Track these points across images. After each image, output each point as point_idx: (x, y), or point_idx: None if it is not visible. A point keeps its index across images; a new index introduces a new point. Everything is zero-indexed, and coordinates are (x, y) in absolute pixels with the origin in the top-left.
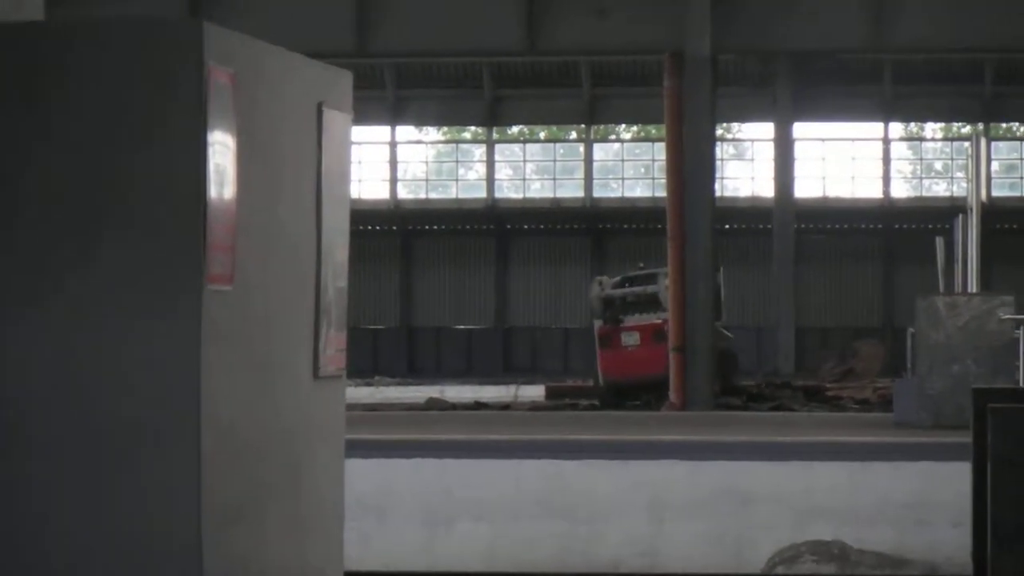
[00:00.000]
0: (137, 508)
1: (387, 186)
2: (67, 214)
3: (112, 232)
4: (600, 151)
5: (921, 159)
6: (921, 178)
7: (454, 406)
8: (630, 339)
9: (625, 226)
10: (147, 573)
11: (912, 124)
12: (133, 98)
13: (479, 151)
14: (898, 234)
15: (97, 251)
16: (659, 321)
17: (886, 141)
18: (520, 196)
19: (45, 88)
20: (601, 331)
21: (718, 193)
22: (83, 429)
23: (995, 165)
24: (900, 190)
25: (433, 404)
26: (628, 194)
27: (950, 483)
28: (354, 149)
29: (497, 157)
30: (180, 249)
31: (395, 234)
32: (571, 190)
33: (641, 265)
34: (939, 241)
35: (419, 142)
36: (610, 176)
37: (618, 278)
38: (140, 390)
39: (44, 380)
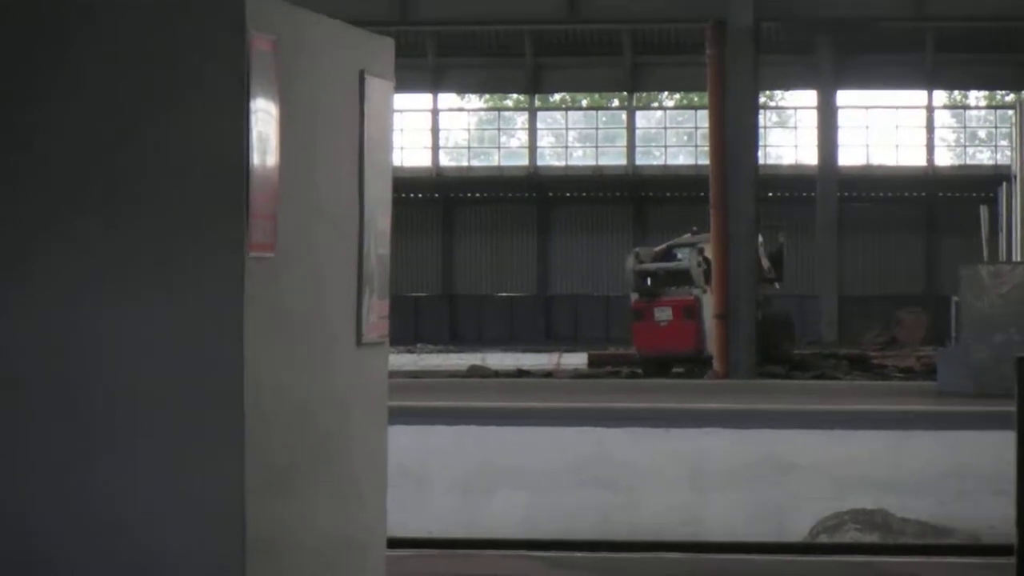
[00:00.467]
0: (181, 476)
1: (429, 154)
2: (106, 180)
3: (153, 200)
4: (642, 119)
5: (965, 127)
6: (965, 146)
7: (496, 373)
8: (662, 314)
9: (667, 194)
10: (190, 540)
11: (956, 92)
12: (174, 64)
13: (521, 119)
14: (942, 202)
15: (138, 218)
16: (691, 297)
17: (930, 109)
18: (562, 164)
19: (83, 52)
20: (635, 305)
21: (761, 161)
22: (128, 394)
23: None
24: (944, 158)
25: (475, 372)
26: (671, 162)
27: (993, 452)
28: (396, 117)
29: (539, 125)
30: (222, 217)
31: (437, 202)
32: (613, 158)
33: (695, 229)
34: (983, 209)
35: (461, 110)
36: (652, 144)
37: (663, 246)
38: (183, 358)
39: (85, 345)
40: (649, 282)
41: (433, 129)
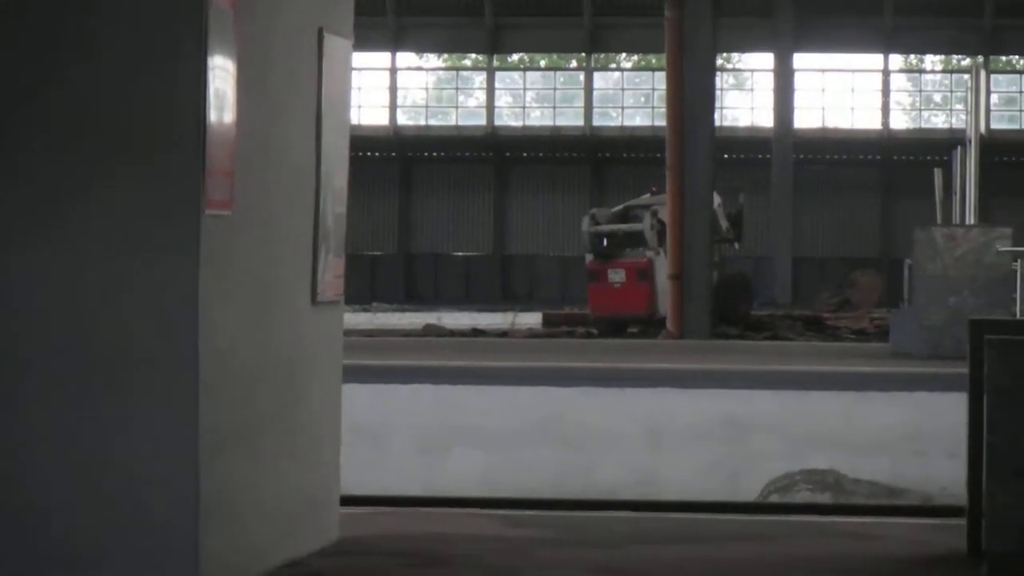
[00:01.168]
0: (134, 432)
1: (387, 112)
2: (69, 143)
3: (113, 159)
4: (600, 80)
5: (920, 91)
6: (920, 110)
7: (452, 332)
8: (616, 276)
9: (624, 155)
10: (144, 496)
11: (912, 56)
12: (133, 23)
13: (479, 78)
14: (897, 165)
15: (99, 179)
16: (644, 260)
17: (886, 73)
18: (520, 124)
19: (48, 16)
20: (590, 266)
21: (717, 123)
22: (83, 353)
23: (994, 98)
24: (899, 122)
25: (431, 330)
26: (628, 123)
27: (946, 414)
28: (354, 75)
29: (497, 85)
30: (179, 174)
31: (394, 160)
32: (571, 119)
33: (654, 189)
34: (937, 173)
35: (419, 69)
36: (610, 105)
37: (621, 207)
38: (140, 315)
39: (46, 304)
40: (605, 243)
41: (391, 88)
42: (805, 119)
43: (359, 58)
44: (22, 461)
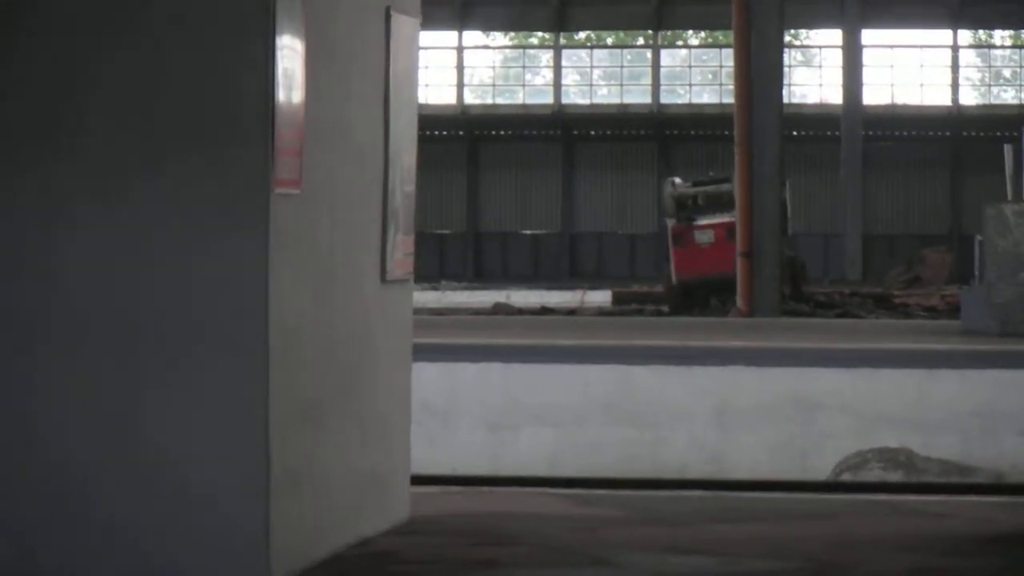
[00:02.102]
0: (206, 410)
1: (454, 91)
2: (136, 121)
3: (181, 137)
4: (667, 57)
5: (990, 66)
6: (990, 85)
7: (520, 311)
8: (704, 237)
9: (692, 132)
10: (217, 471)
11: (981, 31)
12: (201, 3)
13: (546, 56)
14: (966, 141)
15: (167, 157)
16: (733, 220)
17: (955, 48)
18: (587, 102)
19: None
20: (675, 229)
21: (785, 100)
22: (152, 333)
23: None
24: (968, 98)
25: (499, 309)
26: (695, 100)
27: (1017, 391)
28: (421, 54)
29: (564, 63)
30: (248, 154)
31: (462, 139)
32: (638, 96)
33: (711, 174)
34: (1007, 148)
35: (486, 47)
36: (677, 82)
37: (689, 183)
38: (209, 293)
39: (115, 283)
40: (690, 207)
41: (458, 66)
42: (873, 95)
43: (426, 37)
44: (84, 443)
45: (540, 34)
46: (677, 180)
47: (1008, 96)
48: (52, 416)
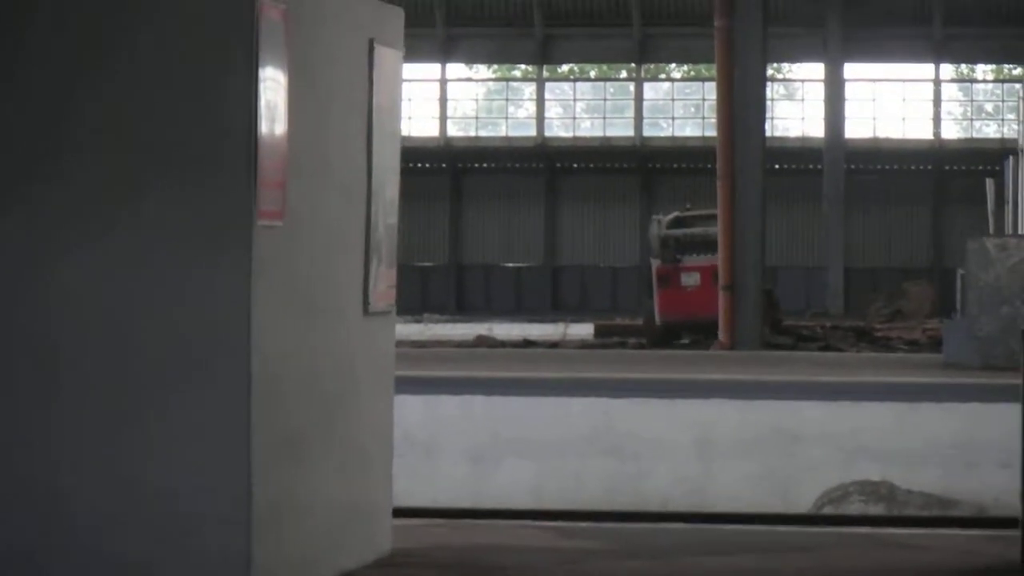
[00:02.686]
0: (188, 441)
1: (437, 124)
2: (120, 153)
3: (164, 169)
4: (650, 90)
5: (972, 100)
6: (972, 119)
7: (503, 343)
8: (690, 279)
9: (675, 165)
10: (197, 503)
11: (963, 65)
12: (184, 35)
13: (529, 89)
14: (948, 175)
15: (150, 188)
16: (718, 263)
17: (937, 82)
18: (570, 135)
19: (98, 25)
20: (660, 270)
21: (768, 133)
22: (133, 363)
23: None
24: (950, 131)
25: (482, 341)
26: (678, 133)
27: (999, 424)
28: (404, 86)
29: (547, 95)
30: (231, 185)
31: (445, 172)
32: (621, 129)
33: (688, 206)
34: (989, 183)
35: (469, 80)
36: (660, 115)
37: (671, 216)
38: (191, 325)
39: (98, 313)
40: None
41: (442, 99)
42: (856, 129)
43: (409, 69)
44: (67, 473)
45: (523, 67)
46: (661, 217)
47: (990, 130)
48: (35, 447)
